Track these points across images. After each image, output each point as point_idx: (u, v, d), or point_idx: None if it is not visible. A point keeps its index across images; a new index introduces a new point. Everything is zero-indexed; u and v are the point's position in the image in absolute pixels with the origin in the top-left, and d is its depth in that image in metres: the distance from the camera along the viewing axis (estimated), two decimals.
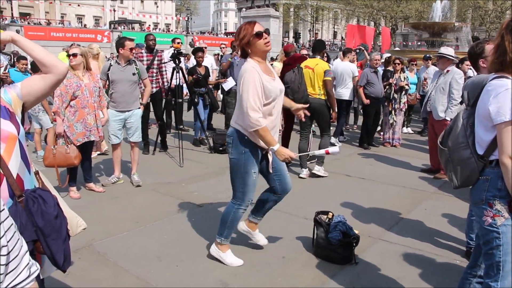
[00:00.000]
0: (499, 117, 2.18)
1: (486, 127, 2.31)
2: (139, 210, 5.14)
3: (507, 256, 2.30)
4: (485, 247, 2.39)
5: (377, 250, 4.19)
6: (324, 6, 69.20)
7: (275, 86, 3.45)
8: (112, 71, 5.86)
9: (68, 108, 5.23)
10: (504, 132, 2.18)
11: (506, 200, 2.27)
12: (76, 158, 5.12)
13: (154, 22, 73.89)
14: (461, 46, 22.63)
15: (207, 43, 32.60)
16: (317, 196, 5.70)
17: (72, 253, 3.86)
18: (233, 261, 3.80)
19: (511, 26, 2.27)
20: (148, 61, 7.93)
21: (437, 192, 6.05)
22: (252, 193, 3.65)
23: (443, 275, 3.71)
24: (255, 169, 3.57)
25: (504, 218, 2.28)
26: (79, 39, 38.08)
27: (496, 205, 2.30)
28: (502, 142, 2.20)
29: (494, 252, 2.33)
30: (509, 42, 2.25)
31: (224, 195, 5.60)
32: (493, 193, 2.31)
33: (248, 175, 3.55)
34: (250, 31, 3.38)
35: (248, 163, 3.54)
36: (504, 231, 2.28)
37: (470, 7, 51.43)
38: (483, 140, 2.35)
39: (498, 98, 2.20)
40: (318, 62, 6.74)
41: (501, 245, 2.30)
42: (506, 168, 2.18)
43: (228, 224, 3.78)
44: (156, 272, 3.70)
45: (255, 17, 35.01)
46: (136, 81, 5.98)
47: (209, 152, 8.02)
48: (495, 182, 2.30)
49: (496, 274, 2.34)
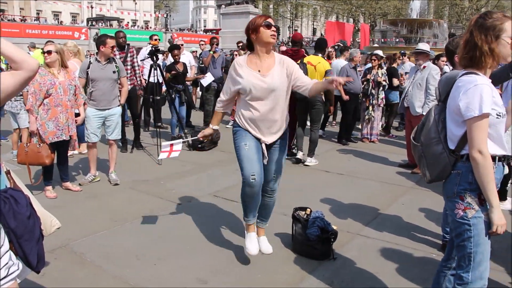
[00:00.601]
0: (469, 113, 2.24)
1: (457, 122, 2.36)
2: (117, 209, 5.08)
3: (477, 247, 2.35)
4: (457, 239, 2.44)
5: (355, 245, 4.22)
6: (304, 3, 69.39)
7: (250, 81, 3.43)
8: (92, 69, 5.77)
9: (41, 106, 5.14)
10: (473, 127, 2.24)
11: (476, 193, 2.33)
12: (48, 157, 5.04)
13: (133, 19, 73.04)
14: (438, 42, 22.96)
15: (187, 40, 32.41)
16: (296, 192, 5.71)
17: (48, 253, 3.83)
18: (248, 245, 3.71)
19: (480, 22, 2.33)
20: (121, 58, 7.76)
21: (414, 186, 6.12)
22: (249, 165, 3.48)
23: (420, 269, 3.76)
24: (246, 141, 3.54)
25: (475, 211, 2.33)
26: (56, 36, 37.41)
27: (467, 198, 2.35)
28: (471, 136, 2.26)
29: (465, 243, 2.38)
30: (478, 38, 2.30)
31: (202, 192, 5.59)
32: (464, 187, 2.36)
33: (240, 148, 3.55)
34: (263, 20, 3.46)
35: (239, 139, 3.58)
36: (475, 223, 2.34)
37: (447, 5, 52.26)
38: (454, 135, 2.39)
39: (467, 94, 2.26)
40: (321, 60, 7.16)
41: (472, 236, 2.35)
42: (476, 162, 2.25)
43: (242, 202, 3.69)
44: (134, 271, 3.66)
45: (234, 14, 34.99)
46: (116, 79, 5.93)
47: (187, 150, 7.98)
48: (466, 176, 2.35)
49: (468, 265, 2.40)
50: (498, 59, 2.32)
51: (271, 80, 3.46)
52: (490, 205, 2.28)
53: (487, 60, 2.31)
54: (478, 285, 2.39)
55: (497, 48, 2.29)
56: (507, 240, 4.33)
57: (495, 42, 2.28)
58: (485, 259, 2.38)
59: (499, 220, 2.28)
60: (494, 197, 2.26)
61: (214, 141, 8.00)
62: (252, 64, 3.50)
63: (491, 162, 2.25)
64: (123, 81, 6.15)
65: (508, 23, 2.28)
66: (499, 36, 2.28)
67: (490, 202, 2.28)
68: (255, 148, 3.54)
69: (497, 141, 2.34)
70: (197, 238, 4.30)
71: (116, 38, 7.87)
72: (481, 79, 2.27)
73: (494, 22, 2.28)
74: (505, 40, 2.28)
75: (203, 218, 4.81)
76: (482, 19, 2.33)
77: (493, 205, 2.27)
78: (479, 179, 2.26)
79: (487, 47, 2.29)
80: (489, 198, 2.27)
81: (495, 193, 2.27)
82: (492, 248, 4.07)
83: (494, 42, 2.28)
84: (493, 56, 2.30)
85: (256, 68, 3.48)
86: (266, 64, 3.50)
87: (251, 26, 3.47)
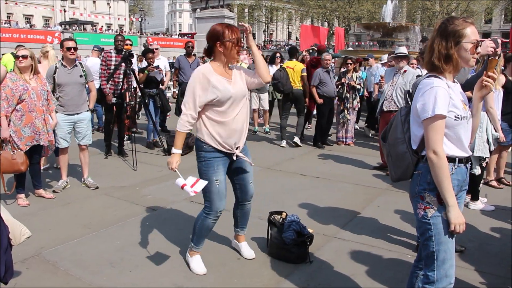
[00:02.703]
0: (424, 114, 2.32)
1: (418, 123, 2.43)
2: (91, 216, 5.01)
3: (440, 245, 2.41)
4: (421, 238, 2.52)
5: (331, 248, 4.25)
6: (278, 7, 69.79)
7: (227, 88, 3.39)
8: (59, 74, 5.70)
9: (14, 112, 5.03)
10: (428, 128, 2.32)
11: (434, 193, 2.39)
12: (23, 164, 4.95)
13: (107, 23, 72.27)
14: (411, 46, 23.31)
15: (162, 44, 32.20)
16: (272, 195, 5.72)
17: (20, 263, 3.76)
18: (196, 267, 3.73)
19: (442, 28, 2.40)
20: (116, 61, 7.75)
21: (389, 188, 6.19)
22: (218, 201, 3.52)
23: (395, 270, 3.80)
24: (218, 177, 3.49)
25: (434, 210, 2.40)
26: (28, 40, 36.74)
27: (426, 198, 2.42)
28: (427, 137, 2.34)
29: (428, 243, 2.45)
30: (438, 43, 2.38)
31: (178, 197, 5.55)
32: (424, 187, 2.42)
33: (211, 183, 3.46)
34: (232, 34, 3.36)
35: (209, 171, 3.49)
36: (435, 222, 2.40)
37: (419, 9, 53.13)
38: (416, 136, 2.47)
39: (424, 96, 2.34)
40: (296, 63, 9.29)
41: (433, 235, 2.41)
42: (431, 162, 2.32)
43: (196, 231, 3.70)
44: (109, 278, 3.62)
45: (209, 18, 34.89)
46: (84, 83, 5.86)
47: (163, 155, 7.92)
48: (425, 176, 2.42)
49: (432, 263, 2.45)
50: (457, 64, 2.39)
51: (239, 86, 3.48)
52: (446, 204, 2.34)
53: (446, 65, 2.38)
54: (444, 283, 2.45)
55: (456, 53, 2.36)
56: (478, 239, 4.43)
57: (454, 48, 2.35)
58: (448, 257, 2.43)
59: (456, 219, 2.33)
60: (450, 196, 2.32)
61: (190, 145, 7.95)
62: (219, 72, 3.43)
63: (446, 163, 2.31)
64: (91, 86, 6.08)
65: (470, 28, 2.35)
66: (460, 42, 2.34)
67: (446, 201, 2.33)
68: (224, 182, 3.56)
69: (456, 143, 2.40)
70: (173, 244, 4.27)
71: (114, 41, 7.87)
72: (438, 82, 2.33)
73: (455, 28, 2.35)
74: (465, 47, 2.35)
75: (179, 223, 4.79)
76: (444, 24, 2.40)
77: (449, 204, 2.33)
78: (435, 178, 2.33)
79: (445, 52, 2.36)
80: (445, 198, 2.33)
81: (451, 192, 2.33)
82: (464, 247, 4.17)
83: (454, 48, 2.35)
84: (452, 61, 2.37)
85: (224, 75, 3.45)
86: (229, 72, 3.49)
87: (219, 37, 3.37)
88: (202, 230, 3.67)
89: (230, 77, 3.46)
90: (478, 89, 2.49)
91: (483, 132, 5.07)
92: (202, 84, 3.35)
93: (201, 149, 3.50)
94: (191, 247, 3.79)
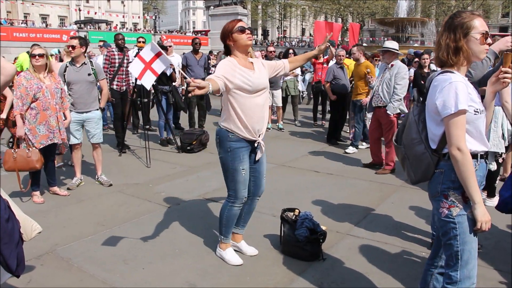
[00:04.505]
0: (445, 110, 2.25)
1: (436, 122, 2.36)
2: (105, 213, 5.03)
3: (464, 245, 2.35)
4: (444, 238, 2.44)
5: (345, 245, 4.21)
6: (292, 3, 69.42)
7: (256, 78, 3.48)
8: (68, 72, 5.75)
9: (28, 111, 5.09)
10: (451, 125, 2.25)
11: (459, 191, 2.32)
12: (38, 162, 5.00)
13: (121, 22, 72.76)
14: (426, 41, 23.08)
15: (176, 42, 32.25)
16: (286, 193, 5.70)
17: (34, 259, 3.79)
18: (232, 259, 3.81)
19: (449, 22, 2.37)
20: (119, 59, 8.12)
21: (404, 185, 6.12)
22: (243, 189, 3.65)
23: (409, 268, 3.76)
24: (244, 166, 3.58)
25: (459, 209, 2.33)
26: (44, 40, 37.03)
27: (450, 196, 2.35)
28: (449, 134, 2.27)
29: (452, 242, 2.38)
30: (447, 37, 2.35)
31: (192, 195, 5.55)
32: (448, 185, 2.35)
33: (237, 172, 3.56)
34: (234, 25, 3.49)
35: (235, 160, 3.55)
36: (460, 221, 2.34)
37: (434, 3, 52.54)
38: (434, 135, 2.39)
39: (443, 92, 2.27)
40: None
41: (458, 235, 2.35)
42: (455, 159, 2.25)
43: (223, 222, 3.78)
44: (122, 275, 3.63)
45: (223, 15, 34.95)
46: (93, 81, 5.87)
47: (176, 152, 7.94)
48: (448, 174, 2.35)
49: (455, 263, 2.39)
50: (468, 56, 2.35)
51: (262, 75, 3.56)
52: (472, 202, 2.28)
53: (457, 58, 2.34)
54: (467, 283, 2.39)
55: (466, 45, 2.32)
56: (495, 236, 4.35)
57: (463, 40, 2.31)
58: (472, 257, 2.38)
59: (482, 216, 2.28)
60: (476, 194, 2.26)
61: (203, 142, 7.97)
62: (241, 64, 3.51)
63: (470, 159, 2.25)
64: (102, 84, 6.12)
65: (478, 20, 2.31)
66: (468, 33, 2.31)
67: (472, 198, 2.27)
68: (248, 171, 3.65)
69: (477, 138, 2.34)
70: (186, 241, 4.27)
71: (115, 39, 8.26)
72: (455, 77, 2.28)
73: (462, 20, 2.32)
74: (474, 37, 2.30)
75: (192, 220, 4.78)
76: (451, 19, 2.37)
77: (475, 202, 2.27)
78: (460, 176, 2.26)
79: (454, 45, 2.32)
80: (471, 195, 2.27)
81: (477, 189, 2.27)
82: (480, 245, 4.10)
83: (463, 40, 2.31)
84: (462, 53, 2.33)
85: (247, 66, 3.52)
86: (248, 64, 3.56)
87: (226, 33, 3.52)
88: (229, 219, 3.77)
89: (252, 68, 3.55)
90: (492, 83, 2.44)
91: (498, 127, 4.98)
92: (231, 68, 3.43)
93: (227, 139, 3.55)
94: (222, 240, 3.86)
